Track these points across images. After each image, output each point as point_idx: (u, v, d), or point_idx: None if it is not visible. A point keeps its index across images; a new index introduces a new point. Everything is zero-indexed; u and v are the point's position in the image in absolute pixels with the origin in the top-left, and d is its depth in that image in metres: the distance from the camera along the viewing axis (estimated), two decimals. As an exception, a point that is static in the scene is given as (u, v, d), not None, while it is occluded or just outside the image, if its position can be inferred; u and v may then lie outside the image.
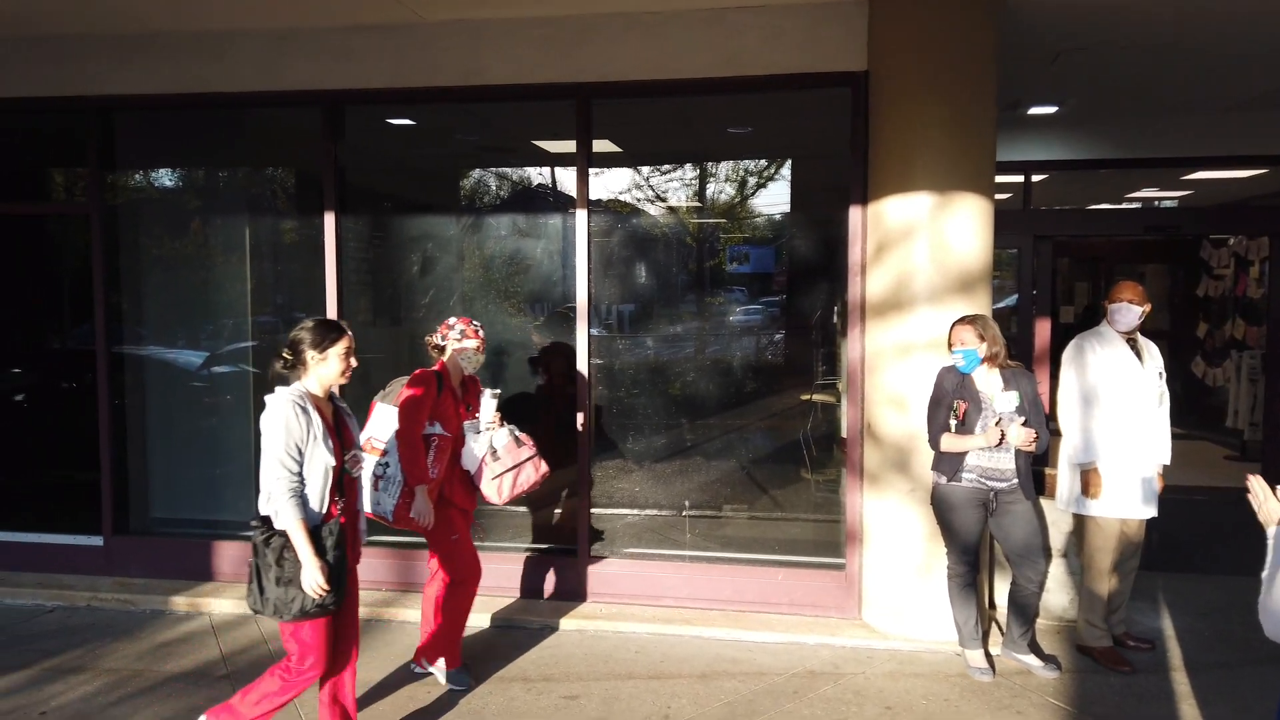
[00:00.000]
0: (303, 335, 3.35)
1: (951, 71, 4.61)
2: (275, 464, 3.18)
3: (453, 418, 4.15)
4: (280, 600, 3.18)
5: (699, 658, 4.58)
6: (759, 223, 6.89)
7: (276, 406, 3.24)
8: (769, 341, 7.01)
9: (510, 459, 4.22)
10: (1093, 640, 4.50)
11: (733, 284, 6.94)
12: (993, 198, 4.77)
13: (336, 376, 3.38)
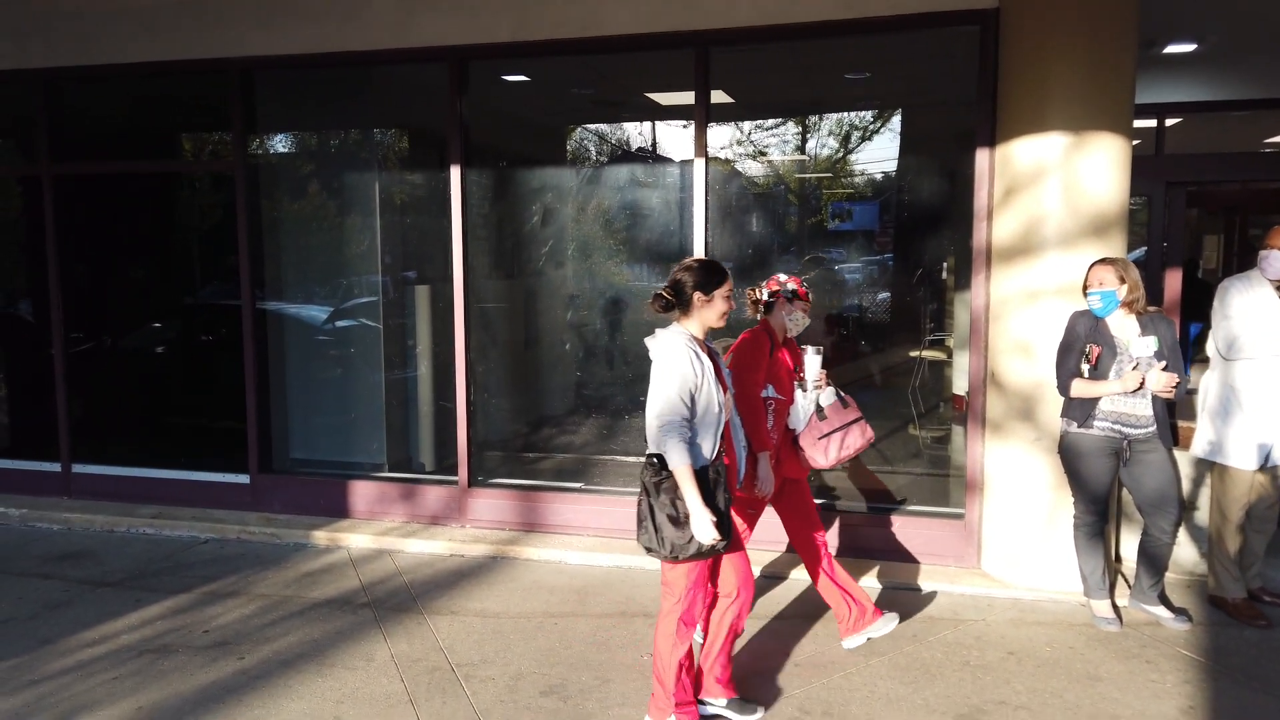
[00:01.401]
0: (686, 276, 3.24)
1: (1088, 3, 4.43)
2: (667, 406, 3.10)
3: (786, 379, 3.94)
4: (677, 541, 3.13)
5: (820, 602, 4.65)
6: (874, 174, 6.78)
7: (672, 348, 3.16)
8: (877, 298, 6.94)
9: (838, 419, 3.98)
10: (1227, 592, 4.38)
11: (841, 239, 6.86)
12: (1130, 137, 4.59)
13: (718, 319, 3.29)
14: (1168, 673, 3.83)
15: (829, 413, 3.97)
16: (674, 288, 3.25)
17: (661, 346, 3.19)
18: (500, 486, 5.80)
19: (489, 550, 5.38)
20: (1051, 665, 3.91)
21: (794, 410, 4.00)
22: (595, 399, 6.61)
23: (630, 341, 6.36)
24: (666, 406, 3.11)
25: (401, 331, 6.42)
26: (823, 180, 6.79)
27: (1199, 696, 3.63)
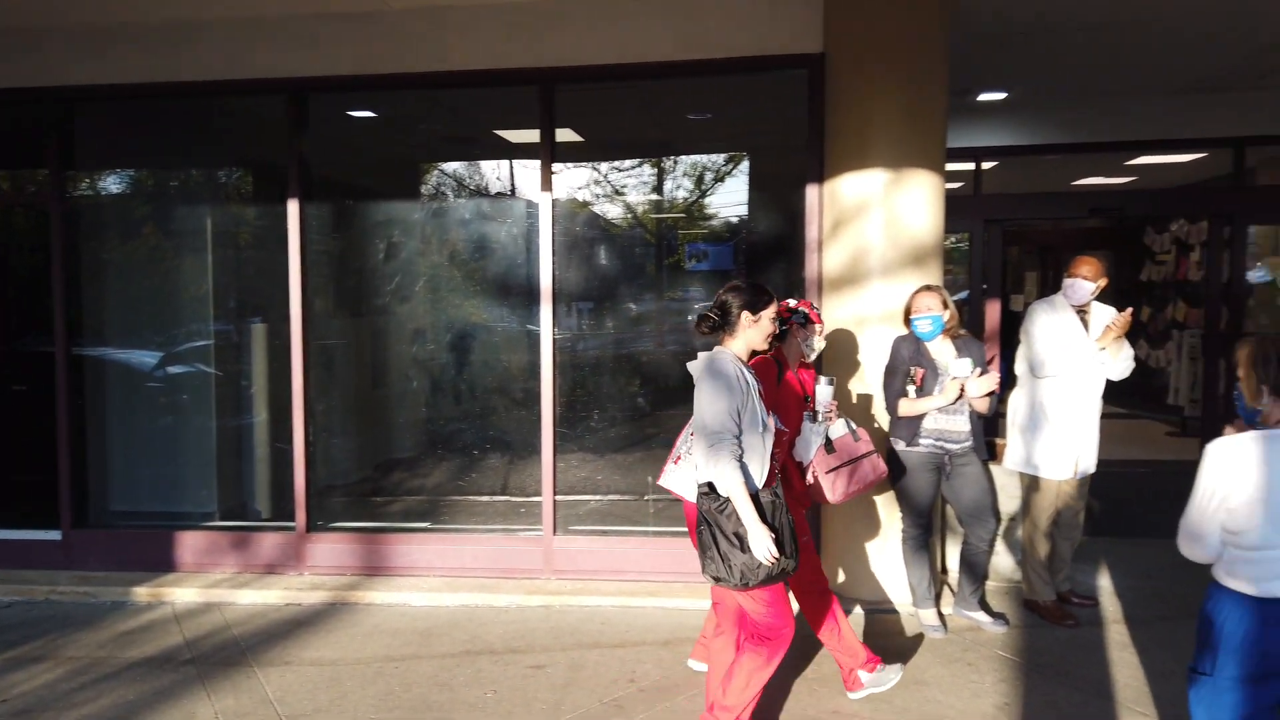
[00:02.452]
0: (733, 297, 3.22)
1: (905, 49, 4.76)
2: (717, 424, 3.04)
3: (794, 409, 3.81)
4: (747, 566, 3.04)
5: (663, 627, 4.68)
6: (725, 215, 7.00)
7: (720, 368, 3.11)
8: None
9: (846, 454, 3.85)
10: (1039, 596, 4.67)
11: (691, 278, 7.03)
12: (944, 174, 4.93)
13: (763, 340, 3.27)
14: (986, 673, 4.04)
15: (837, 445, 3.84)
16: (720, 309, 3.24)
17: (707, 366, 3.15)
18: (341, 530, 5.58)
19: (328, 597, 5.15)
20: (884, 675, 4.06)
21: (800, 440, 3.84)
22: (443, 436, 6.48)
23: (478, 377, 6.28)
24: (716, 424, 3.05)
25: (237, 373, 6.13)
26: (676, 220, 6.96)
27: (1013, 694, 3.85)
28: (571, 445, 5.88)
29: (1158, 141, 8.16)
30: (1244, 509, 2.40)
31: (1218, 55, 6.43)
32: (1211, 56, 6.46)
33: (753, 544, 3.03)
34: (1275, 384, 2.46)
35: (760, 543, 3.02)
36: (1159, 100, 7.80)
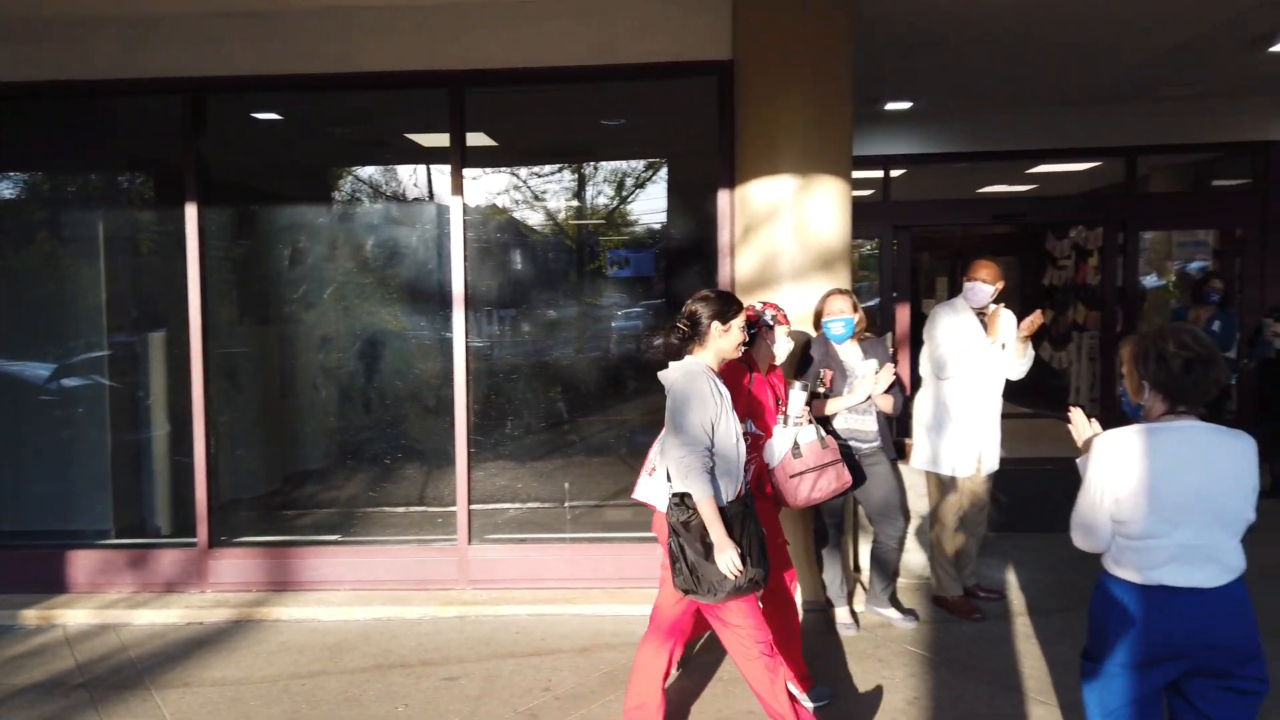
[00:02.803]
0: (703, 307, 3.20)
1: (811, 58, 4.84)
2: (689, 437, 3.02)
3: (767, 412, 3.77)
4: (715, 578, 3.02)
5: (580, 634, 4.64)
6: (637, 219, 7.02)
7: (692, 377, 3.08)
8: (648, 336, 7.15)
9: (813, 459, 3.80)
10: (947, 591, 4.79)
11: (610, 284, 7.03)
12: (850, 180, 5.02)
13: (734, 349, 3.24)
14: (896, 669, 4.12)
15: (805, 451, 3.80)
16: (690, 319, 3.21)
17: (680, 377, 3.12)
18: (247, 545, 5.39)
19: (232, 615, 4.97)
20: (799, 673, 4.10)
21: (769, 444, 3.81)
22: (355, 446, 6.33)
23: (390, 385, 6.16)
24: (689, 437, 3.03)
25: (135, 385, 5.88)
26: (593, 226, 6.94)
27: (922, 688, 3.93)
28: (488, 453, 5.81)
29: (1056, 150, 8.49)
30: (1130, 500, 2.48)
31: (1107, 69, 6.72)
32: (1102, 70, 6.75)
33: (717, 558, 3.02)
34: (1156, 380, 2.55)
35: (725, 557, 3.01)
36: (1057, 110, 8.12)
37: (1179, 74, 6.88)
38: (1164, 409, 2.54)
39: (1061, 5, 5.26)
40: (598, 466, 6.71)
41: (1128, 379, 2.65)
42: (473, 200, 5.47)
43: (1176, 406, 2.53)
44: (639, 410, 6.86)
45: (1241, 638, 2.44)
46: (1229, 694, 2.46)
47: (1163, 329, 2.60)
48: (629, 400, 6.78)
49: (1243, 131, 8.01)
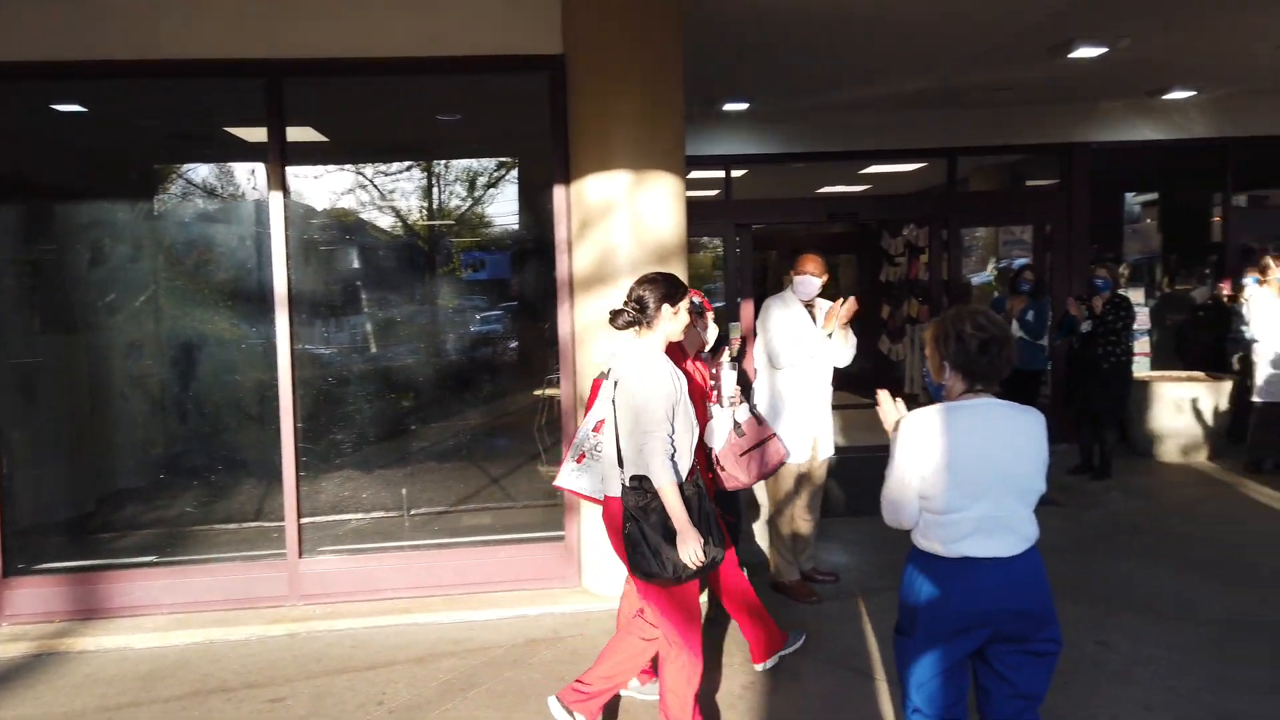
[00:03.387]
0: (650, 290, 3.18)
1: (642, 54, 4.85)
2: (651, 421, 3.01)
3: (698, 398, 3.70)
4: (678, 560, 3.01)
5: (418, 643, 4.49)
6: (473, 215, 6.89)
7: (649, 361, 3.10)
8: (500, 341, 7.03)
9: (755, 435, 3.83)
10: (784, 575, 4.91)
11: (448, 283, 6.87)
12: (684, 176, 5.08)
13: (680, 332, 3.25)
14: (735, 654, 4.18)
15: (746, 429, 3.84)
16: (638, 302, 3.20)
17: (637, 360, 3.11)
18: (48, 573, 4.95)
19: (32, 648, 4.54)
20: (639, 668, 4.10)
21: (710, 428, 3.81)
22: (172, 460, 5.93)
23: (211, 395, 5.80)
24: (650, 421, 3.02)
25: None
26: (435, 224, 6.76)
27: (756, 672, 4.00)
28: (321, 463, 5.56)
29: (886, 152, 8.90)
30: (934, 476, 2.58)
31: (926, 74, 7.09)
32: (922, 74, 7.12)
33: (680, 544, 3.02)
34: (955, 359, 2.66)
35: (689, 548, 3.02)
36: (885, 113, 8.51)
37: (990, 79, 7.33)
38: (964, 388, 2.66)
39: (879, 12, 5.50)
40: (442, 472, 6.55)
41: (930, 360, 2.76)
42: (299, 198, 5.22)
43: (975, 385, 2.65)
44: (483, 413, 6.74)
45: (1038, 603, 2.57)
46: (1027, 657, 2.59)
47: (960, 312, 2.72)
48: (471, 404, 6.66)
49: (1049, 134, 8.62)
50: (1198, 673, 3.86)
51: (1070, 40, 6.18)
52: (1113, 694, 3.71)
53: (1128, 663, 3.99)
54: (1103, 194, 9.35)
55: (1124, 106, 8.49)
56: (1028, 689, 2.62)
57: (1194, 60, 6.96)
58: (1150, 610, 4.57)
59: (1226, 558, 5.30)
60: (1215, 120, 8.60)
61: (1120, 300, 7.08)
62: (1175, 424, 7.70)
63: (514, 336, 6.90)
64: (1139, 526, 6.01)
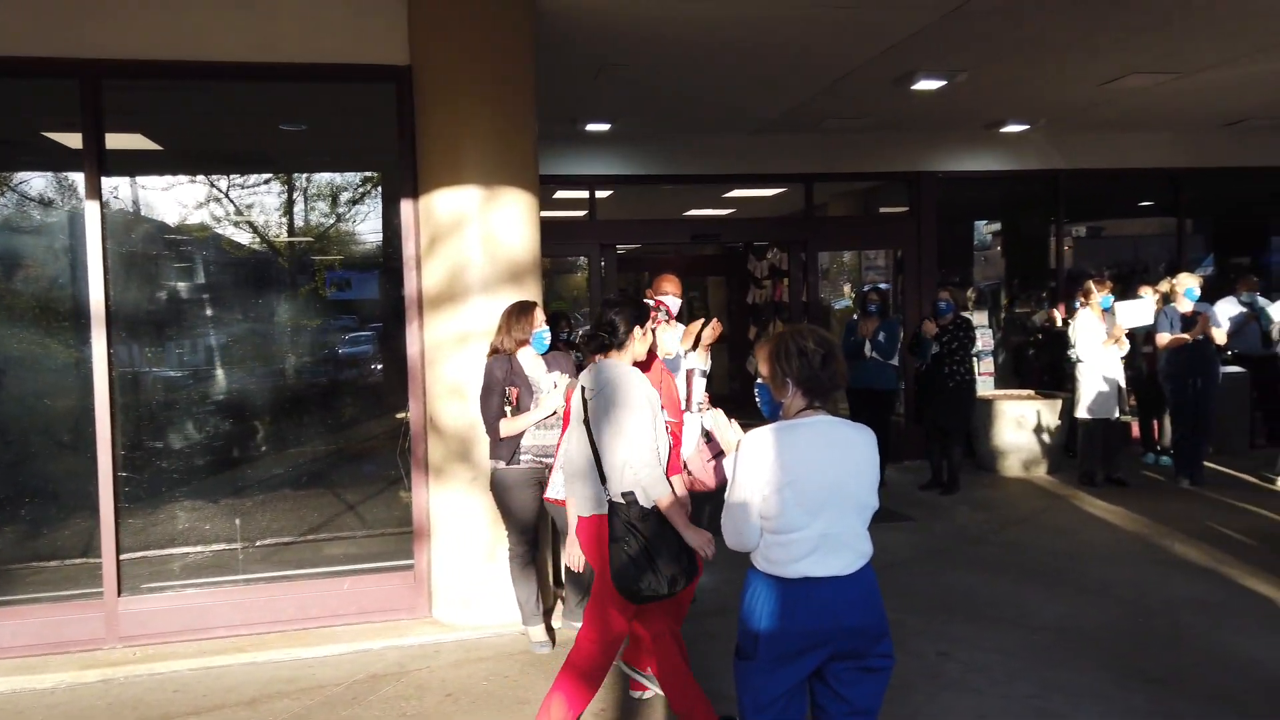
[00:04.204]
0: (619, 315, 3.31)
1: (491, 69, 4.76)
2: (642, 445, 3.12)
3: (676, 402, 3.77)
4: (677, 572, 3.13)
5: (250, 684, 4.20)
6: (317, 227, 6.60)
7: (631, 376, 3.21)
8: (366, 362, 6.74)
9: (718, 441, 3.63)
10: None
11: (332, 306, 6.56)
12: (537, 193, 5.00)
13: (646, 352, 3.38)
14: (589, 683, 4.08)
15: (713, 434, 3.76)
16: (609, 328, 3.31)
17: (617, 377, 3.21)
18: None
19: None
20: (486, 699, 3.96)
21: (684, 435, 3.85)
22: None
23: (16, 421, 5.28)
24: (642, 443, 3.13)
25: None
26: (279, 239, 6.42)
27: (610, 697, 3.92)
28: (149, 494, 5.17)
29: (746, 176, 9.09)
30: (774, 495, 2.56)
31: (779, 100, 7.27)
32: (775, 101, 7.30)
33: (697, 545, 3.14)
34: (799, 376, 2.65)
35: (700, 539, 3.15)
36: (745, 138, 8.68)
37: (840, 108, 7.59)
38: (803, 405, 2.66)
39: (723, 39, 5.60)
40: (295, 500, 6.21)
41: (770, 379, 2.75)
42: (127, 208, 4.87)
43: (814, 401, 2.65)
44: (344, 437, 6.45)
45: (874, 619, 2.58)
46: (862, 673, 2.59)
47: (796, 329, 2.73)
48: (331, 427, 6.35)
49: (899, 163, 9.00)
50: (1029, 679, 4.01)
51: (912, 73, 6.46)
52: (949, 703, 3.81)
53: (965, 671, 4.11)
54: (954, 221, 9.83)
55: (966, 137, 8.96)
56: (864, 704, 2.62)
57: (1024, 95, 7.40)
58: (989, 619, 4.74)
59: (1060, 567, 5.57)
60: (1047, 153, 9.18)
61: (962, 322, 7.42)
62: (1017, 440, 8.11)
63: (381, 358, 6.64)
64: (983, 538, 6.27)
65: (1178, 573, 5.37)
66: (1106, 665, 4.12)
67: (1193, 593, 5.02)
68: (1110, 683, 3.94)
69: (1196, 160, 9.41)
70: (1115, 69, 6.62)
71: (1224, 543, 5.87)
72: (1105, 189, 9.94)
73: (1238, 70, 6.72)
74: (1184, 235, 9.79)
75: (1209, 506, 6.80)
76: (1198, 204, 10.02)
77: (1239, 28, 5.68)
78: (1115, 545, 5.97)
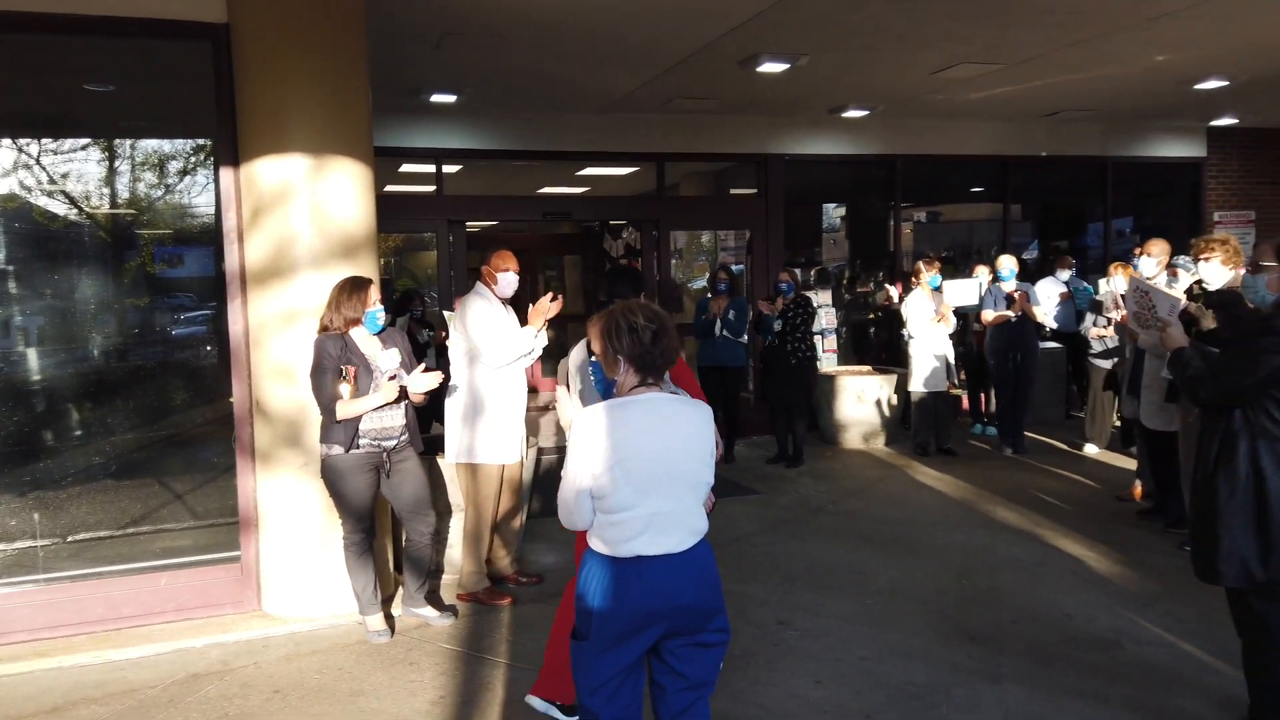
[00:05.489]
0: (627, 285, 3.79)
1: (318, 30, 4.48)
2: None
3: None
4: None
5: (53, 691, 3.85)
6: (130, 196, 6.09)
7: None
8: (201, 343, 6.28)
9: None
10: (473, 585, 4.75)
11: (163, 283, 6.05)
12: (373, 164, 4.77)
13: None
14: (427, 669, 3.96)
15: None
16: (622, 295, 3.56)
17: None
18: None
19: None
20: (318, 693, 3.77)
21: None
22: None
23: None
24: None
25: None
26: (82, 209, 5.87)
27: (450, 685, 3.81)
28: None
29: (599, 154, 9.01)
30: (607, 474, 2.51)
31: (627, 78, 7.23)
32: (623, 79, 7.25)
33: None
34: (630, 353, 2.61)
35: None
36: (598, 116, 8.61)
37: (689, 89, 7.62)
38: (636, 381, 2.62)
39: (568, 12, 5.50)
40: (118, 491, 5.74)
41: (602, 356, 2.70)
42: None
43: (647, 378, 2.61)
44: (175, 424, 6.01)
45: (707, 595, 2.57)
46: (697, 649, 2.59)
47: (627, 306, 2.69)
48: (160, 413, 5.89)
49: (748, 145, 9.15)
50: (863, 643, 4.16)
51: (756, 55, 6.54)
52: (788, 669, 3.90)
53: (804, 638, 4.23)
54: (802, 203, 10.10)
55: (811, 121, 9.19)
56: (699, 679, 2.63)
57: (863, 81, 7.64)
58: (828, 586, 4.90)
59: (895, 534, 5.83)
60: (885, 138, 9.55)
61: (802, 300, 7.65)
62: (857, 414, 8.44)
63: (215, 339, 6.19)
64: (823, 508, 6.49)
65: (1001, 535, 5.71)
66: (935, 626, 4.33)
67: (1013, 554, 5.35)
68: (938, 642, 4.14)
69: (1021, 148, 10.01)
70: (945, 58, 6.91)
71: (1041, 507, 6.30)
72: (940, 174, 10.44)
73: (1055, 63, 7.16)
74: (1009, 220, 10.41)
75: (1029, 472, 7.28)
76: (1023, 190, 10.67)
77: (1057, 22, 6.04)
78: (945, 511, 6.30)
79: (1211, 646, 3.97)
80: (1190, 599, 4.47)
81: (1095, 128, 10.15)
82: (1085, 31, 6.27)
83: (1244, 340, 3.13)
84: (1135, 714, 3.46)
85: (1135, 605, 4.50)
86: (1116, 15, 5.92)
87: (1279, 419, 3.05)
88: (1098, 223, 10.91)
